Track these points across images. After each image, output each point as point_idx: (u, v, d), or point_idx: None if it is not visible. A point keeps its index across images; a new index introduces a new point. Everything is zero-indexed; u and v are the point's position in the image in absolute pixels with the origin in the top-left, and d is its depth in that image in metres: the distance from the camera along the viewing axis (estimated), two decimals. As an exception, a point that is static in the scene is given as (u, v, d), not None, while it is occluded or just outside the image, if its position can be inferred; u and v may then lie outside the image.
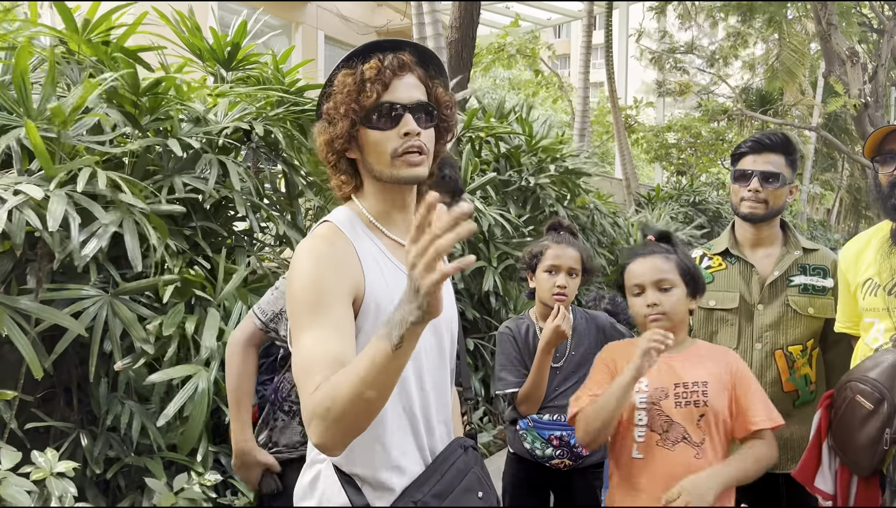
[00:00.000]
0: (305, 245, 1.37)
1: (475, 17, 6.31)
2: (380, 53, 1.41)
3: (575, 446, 2.49)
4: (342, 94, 1.38)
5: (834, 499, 2.15)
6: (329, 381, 1.18)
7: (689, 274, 2.05)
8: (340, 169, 1.45)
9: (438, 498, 1.39)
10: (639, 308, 2.05)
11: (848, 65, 9.11)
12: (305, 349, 1.25)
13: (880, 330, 2.08)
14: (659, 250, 2.08)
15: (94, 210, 2.41)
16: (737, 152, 2.46)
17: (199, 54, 3.46)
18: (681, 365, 2.00)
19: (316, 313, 1.28)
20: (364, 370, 1.12)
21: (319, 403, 1.17)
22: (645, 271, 2.04)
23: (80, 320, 2.37)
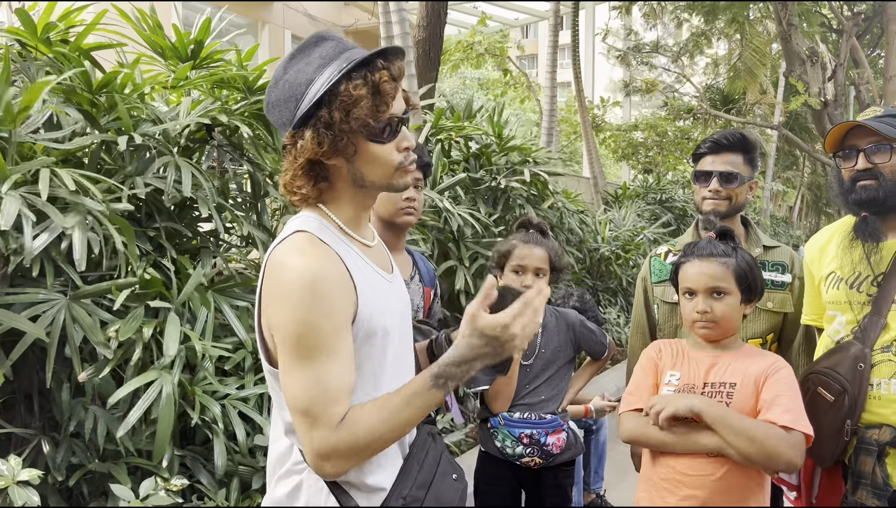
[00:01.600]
0: (296, 268, 1.28)
1: (442, 16, 6.31)
2: (381, 61, 1.35)
3: (545, 444, 2.50)
4: (356, 106, 1.31)
5: (798, 490, 2.19)
6: (360, 419, 1.27)
7: (745, 280, 1.99)
8: (315, 176, 1.38)
9: (423, 488, 1.41)
10: (688, 312, 2.02)
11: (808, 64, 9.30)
12: (313, 384, 1.26)
13: (842, 323, 2.12)
14: (717, 253, 2.01)
15: (48, 211, 2.35)
16: (697, 153, 2.52)
17: (161, 52, 3.40)
18: (720, 365, 1.98)
19: (322, 350, 1.27)
20: (414, 413, 1.28)
21: (353, 441, 1.26)
22: (699, 277, 2.00)
23: (38, 323, 2.31)
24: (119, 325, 2.45)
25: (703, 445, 1.86)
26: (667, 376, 2.02)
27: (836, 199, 2.18)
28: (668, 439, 1.90)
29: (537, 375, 2.57)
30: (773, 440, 1.79)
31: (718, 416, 1.84)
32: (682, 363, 2.03)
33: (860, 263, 2.09)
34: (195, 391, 2.57)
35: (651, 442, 1.96)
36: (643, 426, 1.95)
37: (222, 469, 2.53)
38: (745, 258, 2.02)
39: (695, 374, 1.98)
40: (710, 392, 1.93)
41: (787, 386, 1.89)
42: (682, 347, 2.08)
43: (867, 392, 1.99)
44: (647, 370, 2.07)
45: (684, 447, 1.89)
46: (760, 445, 1.79)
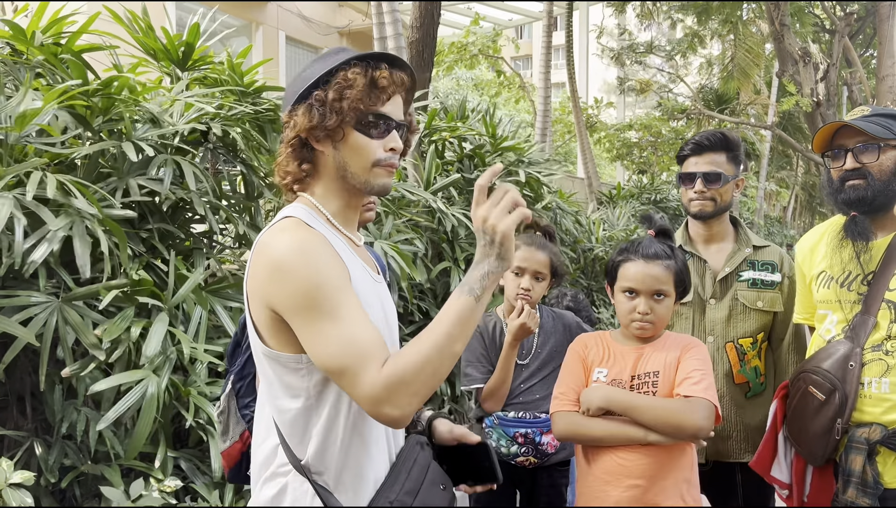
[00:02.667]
0: (284, 244, 1.31)
1: (436, 17, 6.30)
2: (386, 64, 1.42)
3: (540, 443, 2.50)
4: (351, 89, 1.37)
5: (790, 488, 2.20)
6: (403, 352, 1.26)
7: (681, 282, 2.06)
8: (302, 157, 1.43)
9: (410, 495, 1.40)
10: (627, 311, 2.06)
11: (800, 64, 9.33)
12: (343, 340, 1.26)
13: (833, 322, 2.13)
14: (661, 254, 2.05)
15: (43, 214, 2.34)
16: (680, 155, 2.53)
17: (153, 54, 3.40)
18: (644, 356, 2.04)
19: (335, 305, 1.28)
20: (451, 326, 1.26)
21: (402, 372, 1.23)
22: (643, 279, 2.03)
23: (30, 326, 2.30)
24: (106, 326, 2.45)
25: (629, 436, 1.93)
26: (595, 373, 2.06)
27: (827, 199, 2.19)
28: (601, 433, 1.97)
29: (533, 374, 2.58)
30: (675, 411, 1.90)
31: (625, 403, 1.94)
32: (609, 359, 2.07)
33: (850, 262, 2.10)
34: (190, 392, 2.57)
35: (585, 438, 2.02)
36: (575, 423, 2.01)
37: (219, 472, 2.53)
38: (681, 260, 2.09)
39: (622, 368, 2.03)
40: (637, 384, 2.00)
41: (697, 362, 1.97)
42: (607, 341, 2.12)
43: (858, 391, 1.99)
44: (573, 367, 2.11)
45: (616, 439, 1.95)
46: (665, 418, 1.90)
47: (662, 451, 1.94)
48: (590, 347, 2.12)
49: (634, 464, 1.94)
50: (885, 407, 1.96)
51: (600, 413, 1.97)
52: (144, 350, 2.47)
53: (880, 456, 1.95)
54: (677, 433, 1.91)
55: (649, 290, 2.02)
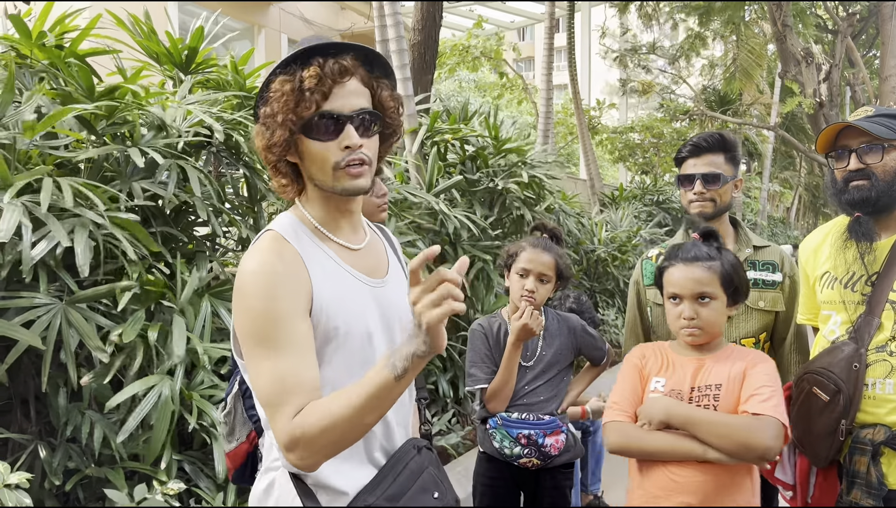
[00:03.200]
0: (251, 264, 1.31)
1: (438, 19, 6.31)
2: (320, 58, 1.34)
3: (543, 445, 2.50)
4: (279, 102, 1.33)
5: (794, 489, 2.19)
6: (316, 407, 1.23)
7: (730, 283, 1.97)
8: (281, 172, 1.42)
9: (392, 500, 1.38)
10: (674, 318, 2.00)
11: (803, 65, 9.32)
12: (273, 376, 1.26)
13: (837, 323, 2.13)
14: (702, 256, 1.98)
15: (49, 222, 2.35)
16: (678, 157, 2.53)
17: (155, 58, 3.41)
18: (705, 368, 1.96)
19: (277, 338, 1.27)
20: (365, 398, 1.20)
21: (308, 429, 1.22)
22: (685, 283, 1.97)
23: (33, 329, 2.31)
24: (121, 329, 2.45)
25: (687, 451, 1.85)
26: (652, 382, 1.99)
27: (830, 199, 2.18)
28: (655, 447, 1.89)
29: (537, 376, 2.58)
30: (742, 429, 1.79)
31: (687, 417, 1.85)
32: (667, 369, 2.00)
33: (854, 263, 2.10)
34: (193, 395, 2.58)
35: (639, 452, 1.95)
36: (629, 435, 1.93)
37: (223, 474, 2.54)
38: (729, 260, 2.00)
39: (681, 379, 1.96)
40: (697, 396, 1.92)
41: (765, 377, 1.88)
42: (665, 351, 2.06)
43: (862, 392, 1.99)
44: (630, 377, 2.04)
45: (672, 455, 1.87)
46: (732, 436, 1.79)
47: (722, 470, 1.84)
48: (648, 356, 2.06)
49: (688, 481, 1.87)
50: (889, 408, 1.95)
51: (661, 427, 1.88)
52: (173, 351, 2.48)
53: (885, 457, 1.94)
54: (744, 452, 1.80)
55: (692, 293, 1.96)
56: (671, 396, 1.94)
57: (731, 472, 1.86)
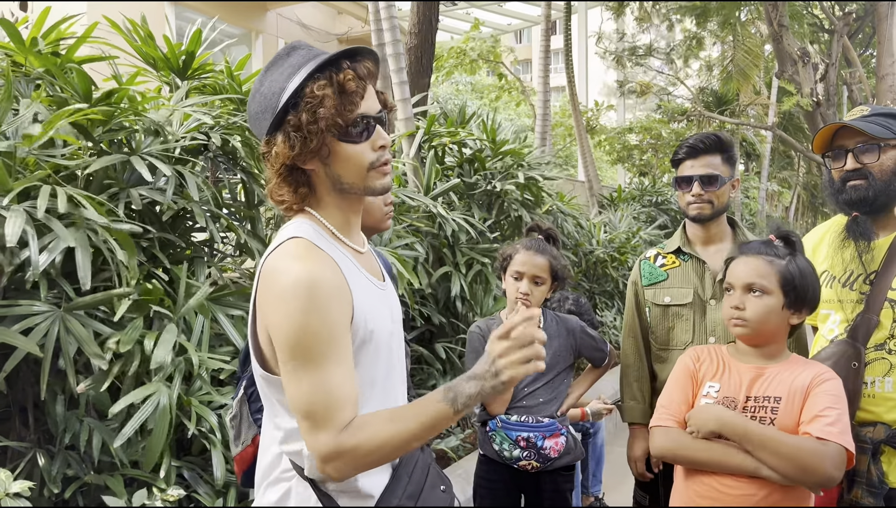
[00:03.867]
0: (295, 272, 1.27)
1: (434, 22, 6.32)
2: (347, 62, 1.36)
3: (542, 448, 2.50)
4: (323, 107, 1.31)
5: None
6: (367, 426, 1.27)
7: (791, 285, 1.85)
8: (295, 181, 1.39)
9: (412, 499, 1.41)
10: (724, 308, 1.94)
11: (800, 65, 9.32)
12: (318, 389, 1.26)
13: (835, 322, 2.13)
14: (767, 252, 1.90)
15: (55, 226, 2.35)
16: (675, 159, 2.53)
17: (152, 63, 3.40)
18: (764, 377, 1.87)
19: (323, 352, 1.27)
20: (420, 427, 1.27)
21: (357, 445, 1.26)
22: (739, 272, 1.90)
23: (31, 336, 2.30)
24: (119, 337, 2.45)
25: (738, 465, 1.76)
26: (705, 387, 1.91)
27: (828, 199, 2.19)
28: (705, 458, 1.81)
29: (536, 378, 2.57)
30: (805, 453, 1.69)
31: (742, 430, 1.75)
32: (722, 374, 1.91)
33: (852, 262, 2.10)
34: (191, 401, 2.57)
35: (686, 460, 1.87)
36: (676, 441, 1.86)
37: (222, 480, 2.53)
38: (799, 264, 1.88)
39: (736, 386, 1.87)
40: (752, 407, 1.83)
41: (832, 398, 1.76)
42: (722, 355, 1.97)
43: (861, 391, 1.99)
44: (681, 380, 1.96)
45: (722, 466, 1.79)
46: (791, 457, 1.69)
47: (775, 490, 1.75)
48: (703, 359, 1.98)
49: (738, 495, 1.78)
50: (888, 406, 1.95)
51: (712, 437, 1.80)
52: (154, 358, 2.47)
53: (885, 455, 1.95)
54: (801, 477, 1.70)
55: (742, 283, 1.88)
56: (724, 403, 1.85)
57: (784, 491, 1.77)
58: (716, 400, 1.87)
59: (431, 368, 4.48)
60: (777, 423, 1.78)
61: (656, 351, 2.59)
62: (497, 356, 1.26)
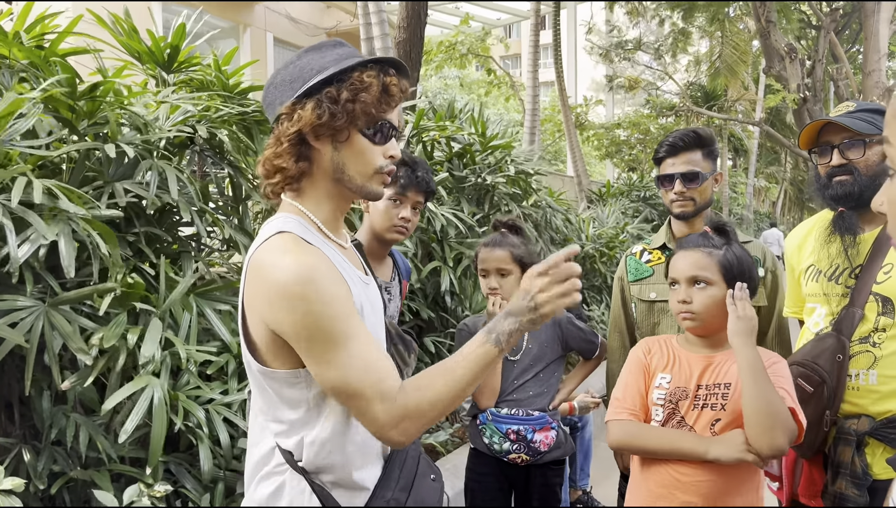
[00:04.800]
0: (293, 268, 1.26)
1: (423, 16, 6.30)
2: (393, 70, 1.42)
3: (532, 441, 2.50)
4: (366, 92, 1.36)
5: (780, 480, 2.21)
6: (422, 385, 1.31)
7: (731, 273, 1.91)
8: (299, 153, 1.38)
9: (404, 491, 1.42)
10: (672, 303, 1.98)
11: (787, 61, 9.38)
12: (358, 366, 1.28)
13: (821, 315, 2.15)
14: (705, 244, 1.96)
15: (31, 219, 2.32)
16: (656, 158, 2.54)
17: (137, 57, 3.37)
18: (713, 366, 1.92)
19: (347, 332, 1.29)
20: (472, 372, 1.31)
21: (418, 406, 1.29)
22: (681, 266, 1.95)
23: (16, 331, 2.28)
24: (102, 332, 2.43)
25: (690, 449, 1.82)
26: (657, 378, 1.96)
27: (815, 194, 2.20)
28: (657, 446, 1.87)
29: (525, 370, 2.58)
30: (784, 416, 1.72)
31: (754, 366, 1.75)
32: (673, 365, 1.96)
33: (838, 256, 2.12)
34: (179, 396, 2.56)
35: (641, 450, 1.92)
36: (630, 433, 1.91)
37: (209, 475, 2.52)
38: (734, 252, 1.95)
39: (686, 376, 1.92)
40: (704, 395, 1.88)
41: (785, 379, 1.83)
42: (672, 346, 2.02)
43: (846, 383, 2.01)
44: (634, 372, 2.01)
45: (674, 453, 1.85)
46: (774, 415, 1.71)
47: (727, 471, 1.81)
48: (653, 351, 2.02)
49: (691, 480, 1.84)
50: (872, 399, 1.97)
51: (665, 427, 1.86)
52: (141, 352, 2.45)
53: (869, 447, 1.96)
54: (765, 434, 1.71)
55: (686, 277, 1.93)
56: (675, 393, 1.90)
57: (736, 473, 1.82)
58: (667, 391, 1.92)
59: (420, 363, 4.48)
60: (728, 408, 1.84)
61: (643, 346, 2.60)
62: (537, 292, 1.32)
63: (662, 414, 1.92)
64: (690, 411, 1.89)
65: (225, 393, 2.74)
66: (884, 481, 1.92)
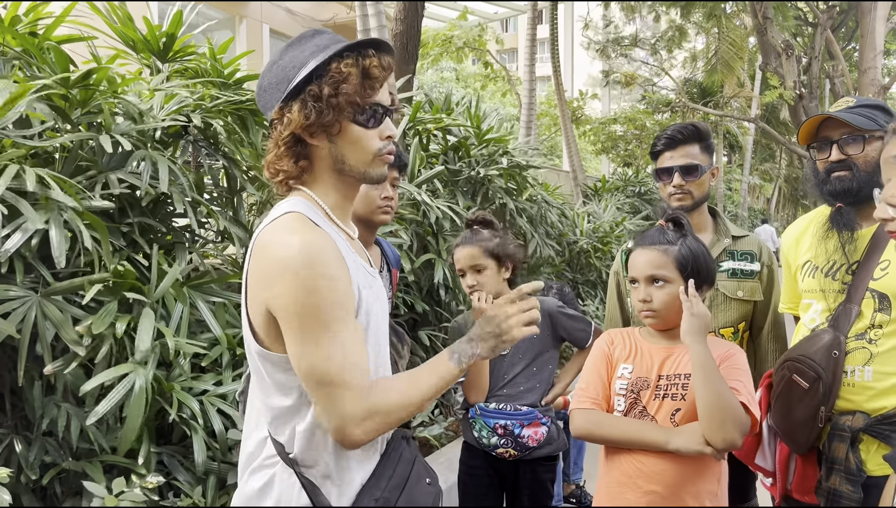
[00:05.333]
0: (295, 244, 1.27)
1: (420, 9, 6.27)
2: (373, 50, 1.39)
3: (520, 436, 2.49)
4: (346, 83, 1.35)
5: (774, 476, 2.21)
6: (393, 387, 1.35)
7: (686, 268, 1.93)
8: (297, 154, 1.40)
9: (396, 490, 1.41)
10: (633, 301, 2.01)
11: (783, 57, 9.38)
12: (337, 354, 1.28)
13: (817, 311, 2.14)
14: (660, 241, 1.97)
15: (22, 207, 2.30)
16: (654, 151, 2.53)
17: (132, 46, 3.34)
18: (673, 357, 1.95)
19: (336, 316, 1.29)
20: (432, 387, 1.37)
21: (386, 407, 1.31)
22: (639, 265, 1.97)
23: (8, 321, 2.26)
24: (90, 321, 2.41)
25: (652, 440, 1.85)
26: (619, 368, 2.00)
27: (811, 190, 2.19)
28: (619, 435, 1.91)
29: (514, 364, 2.56)
30: (736, 410, 1.77)
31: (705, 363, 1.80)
32: (635, 356, 2.00)
33: (835, 252, 2.11)
34: (173, 387, 2.55)
35: (602, 439, 1.96)
36: (593, 422, 1.95)
37: (202, 467, 2.51)
38: (689, 246, 1.96)
39: (648, 366, 1.95)
40: (665, 385, 1.91)
41: (741, 372, 1.88)
42: (635, 338, 2.05)
43: (841, 379, 2.00)
44: (598, 363, 2.04)
45: (635, 443, 1.88)
46: (726, 409, 1.76)
47: (687, 460, 1.84)
48: (616, 343, 2.06)
49: (653, 469, 1.87)
50: (867, 395, 1.97)
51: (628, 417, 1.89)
52: (137, 345, 2.43)
53: (863, 444, 1.96)
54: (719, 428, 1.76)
55: (645, 276, 1.96)
56: (636, 383, 1.95)
57: (697, 463, 1.86)
58: (629, 381, 1.96)
59: (415, 356, 4.47)
60: (688, 398, 1.87)
61: (638, 340, 2.60)
62: (504, 319, 1.40)
63: (624, 404, 1.95)
64: (651, 401, 1.92)
65: (219, 385, 2.73)
66: (878, 477, 1.92)
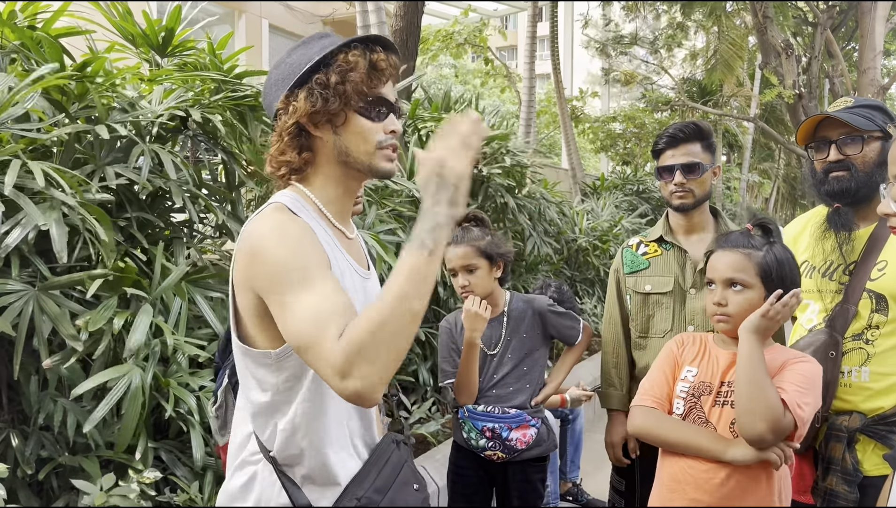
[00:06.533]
0: (266, 225, 1.31)
1: (420, 5, 6.26)
2: (380, 47, 1.42)
3: (507, 439, 2.48)
4: (353, 71, 1.36)
5: (770, 476, 2.21)
6: (358, 317, 1.16)
7: (770, 276, 1.84)
8: (300, 144, 1.40)
9: (379, 493, 1.39)
10: (707, 303, 1.95)
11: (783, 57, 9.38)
12: (307, 311, 1.18)
13: (814, 311, 2.14)
14: (744, 244, 1.89)
15: (23, 203, 2.29)
16: (655, 149, 2.53)
17: (131, 40, 3.33)
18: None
19: (305, 278, 1.23)
20: (404, 285, 1.15)
21: (359, 338, 1.12)
22: (718, 267, 1.90)
23: (4, 316, 2.26)
24: (88, 316, 2.40)
25: (706, 448, 1.80)
26: (684, 370, 1.95)
27: (809, 190, 2.19)
28: (672, 439, 1.86)
29: (504, 363, 2.55)
30: (771, 403, 1.69)
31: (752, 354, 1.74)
32: (702, 359, 1.95)
33: (832, 252, 2.12)
34: (169, 383, 2.54)
35: (658, 440, 1.92)
36: (651, 421, 1.91)
37: (201, 462, 2.51)
38: (775, 253, 1.87)
39: (712, 372, 1.90)
40: (726, 392, 1.85)
41: (801, 377, 1.78)
42: (705, 341, 2.00)
43: (838, 380, 2.01)
44: (664, 364, 2.00)
45: (688, 448, 1.83)
46: (759, 400, 1.70)
47: (740, 470, 1.78)
48: (686, 344, 2.02)
49: (703, 477, 1.81)
50: (864, 396, 1.97)
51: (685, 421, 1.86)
52: (128, 342, 2.43)
53: (860, 444, 1.97)
54: (749, 422, 1.71)
55: (722, 279, 1.88)
56: (699, 388, 1.89)
57: (749, 473, 1.79)
58: (691, 384, 1.91)
59: (412, 353, 4.47)
60: None
61: (636, 339, 2.60)
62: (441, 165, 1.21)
63: (683, 408, 1.90)
64: (712, 408, 1.87)
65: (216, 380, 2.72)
66: (875, 478, 1.92)
